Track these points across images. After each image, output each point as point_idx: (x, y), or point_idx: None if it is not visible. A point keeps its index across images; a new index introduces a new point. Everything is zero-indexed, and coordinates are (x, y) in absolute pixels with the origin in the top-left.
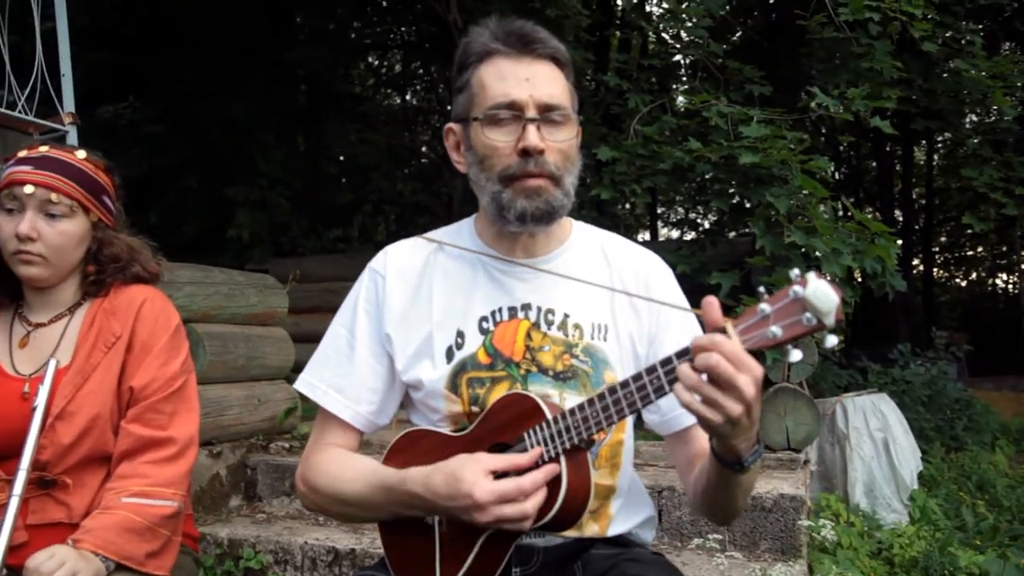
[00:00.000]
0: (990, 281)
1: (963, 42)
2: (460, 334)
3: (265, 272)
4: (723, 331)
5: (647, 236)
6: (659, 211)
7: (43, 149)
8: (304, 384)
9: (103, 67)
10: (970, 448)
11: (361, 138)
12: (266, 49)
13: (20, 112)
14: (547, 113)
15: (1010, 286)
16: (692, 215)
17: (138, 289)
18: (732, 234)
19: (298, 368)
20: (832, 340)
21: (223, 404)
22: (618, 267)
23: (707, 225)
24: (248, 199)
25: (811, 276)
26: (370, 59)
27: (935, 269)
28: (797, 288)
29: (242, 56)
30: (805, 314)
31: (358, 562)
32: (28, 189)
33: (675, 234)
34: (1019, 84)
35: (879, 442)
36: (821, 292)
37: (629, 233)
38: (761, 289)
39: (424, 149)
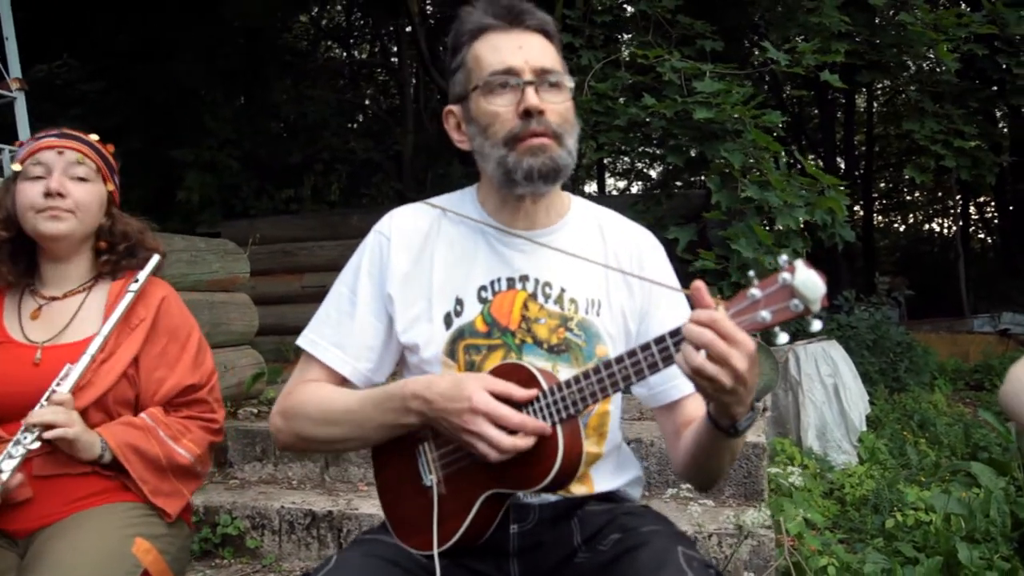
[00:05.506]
0: (926, 226)
1: None
2: (459, 302)
3: (217, 235)
4: None
5: (594, 187)
6: (606, 161)
7: (57, 130)
8: (306, 340)
9: (34, 24)
10: (911, 389)
11: (309, 95)
12: (205, 4)
13: None
14: (543, 76)
15: (945, 230)
16: (639, 165)
17: (157, 282)
18: (679, 184)
19: (261, 333)
20: (817, 325)
21: None
22: (613, 244)
23: (654, 175)
24: (197, 160)
25: (799, 264)
26: (313, 12)
27: (875, 214)
28: (786, 275)
29: (181, 13)
30: (793, 300)
31: (335, 524)
32: (60, 152)
33: (622, 184)
34: (961, 36)
35: (830, 387)
36: (810, 281)
37: (576, 185)
38: (751, 273)
39: (367, 103)
